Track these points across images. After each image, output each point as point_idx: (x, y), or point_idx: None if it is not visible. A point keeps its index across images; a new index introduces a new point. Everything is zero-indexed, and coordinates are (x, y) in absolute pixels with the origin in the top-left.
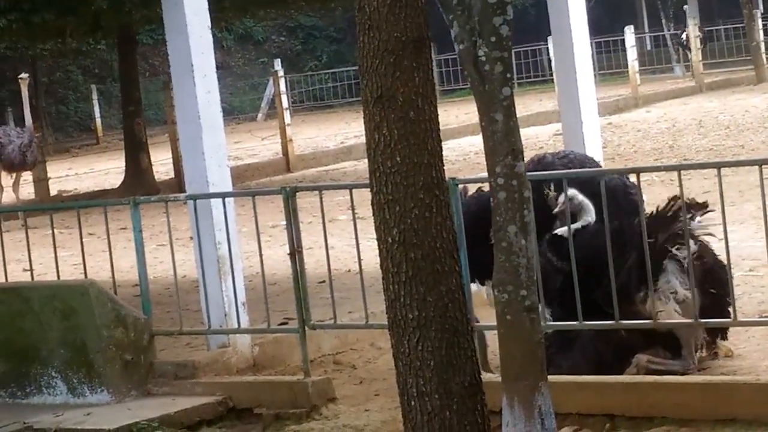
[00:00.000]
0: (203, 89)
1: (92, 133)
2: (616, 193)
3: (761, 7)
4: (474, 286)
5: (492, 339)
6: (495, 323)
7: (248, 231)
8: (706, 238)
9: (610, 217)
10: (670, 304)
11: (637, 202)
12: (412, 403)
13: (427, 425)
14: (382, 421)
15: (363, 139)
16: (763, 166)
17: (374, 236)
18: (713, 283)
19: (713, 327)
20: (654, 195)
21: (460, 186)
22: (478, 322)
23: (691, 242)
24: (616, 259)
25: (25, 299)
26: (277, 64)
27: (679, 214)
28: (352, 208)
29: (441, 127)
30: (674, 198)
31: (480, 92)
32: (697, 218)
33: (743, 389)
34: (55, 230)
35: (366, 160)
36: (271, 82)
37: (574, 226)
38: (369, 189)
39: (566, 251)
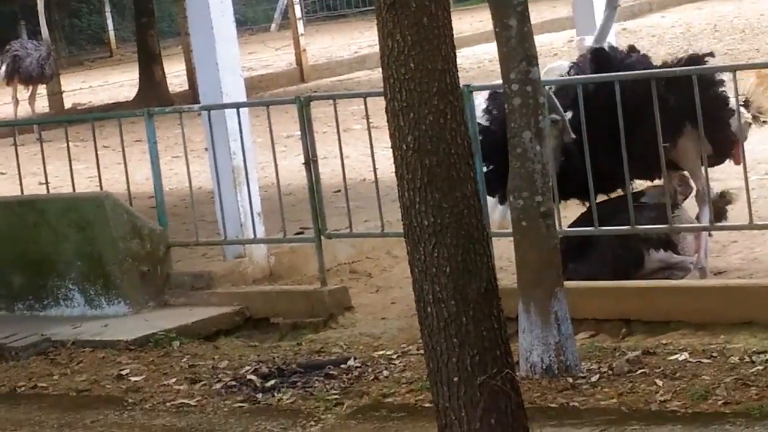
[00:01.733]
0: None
1: (105, 45)
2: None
3: None
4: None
5: (508, 246)
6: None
7: (263, 141)
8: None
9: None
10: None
11: None
12: (428, 309)
13: (444, 331)
14: (399, 328)
15: (377, 49)
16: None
17: (389, 145)
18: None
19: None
20: None
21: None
22: None
23: None
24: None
25: (41, 212)
26: None
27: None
28: (367, 117)
29: (455, 35)
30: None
31: None
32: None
33: (760, 292)
34: (69, 143)
35: (380, 70)
36: None
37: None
38: (383, 97)
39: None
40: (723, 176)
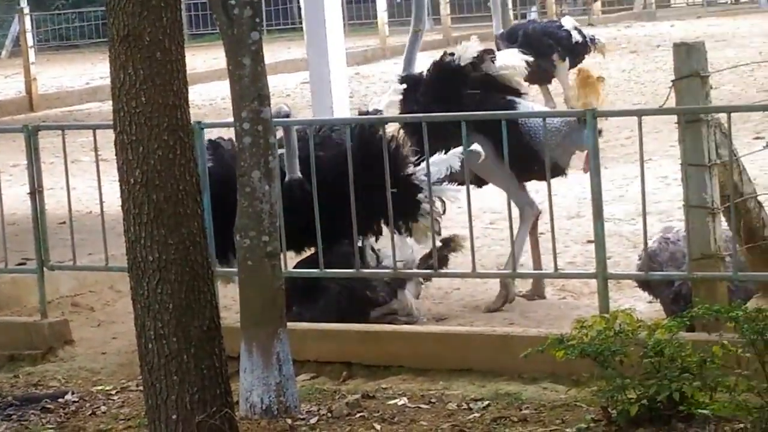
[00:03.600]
0: None
1: None
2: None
3: None
4: None
5: (232, 285)
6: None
7: None
8: None
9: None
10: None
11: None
12: (150, 346)
13: (164, 368)
14: (119, 364)
15: (109, 81)
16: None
17: (117, 178)
18: None
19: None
20: None
21: None
22: None
23: None
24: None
25: None
26: (23, 2)
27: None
28: (95, 149)
29: (188, 71)
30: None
31: (228, 36)
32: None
33: (479, 339)
34: None
35: (111, 102)
36: (16, 19)
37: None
38: (113, 129)
39: None
40: (450, 223)
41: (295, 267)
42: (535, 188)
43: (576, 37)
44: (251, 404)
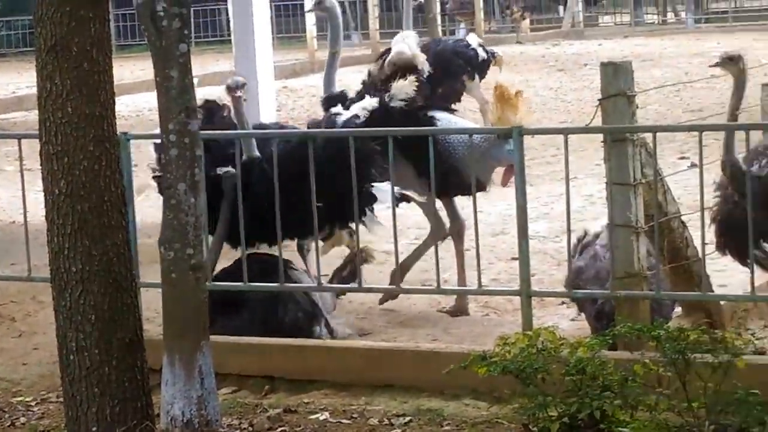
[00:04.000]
0: None
1: None
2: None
3: None
4: None
5: (157, 297)
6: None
7: None
8: None
9: None
10: None
11: None
12: (71, 357)
13: (85, 380)
14: (40, 375)
15: (35, 90)
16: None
17: (42, 188)
18: None
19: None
20: None
21: None
22: None
23: None
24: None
25: None
26: None
27: None
28: (20, 158)
29: (115, 82)
30: None
31: (156, 48)
32: None
33: (401, 355)
34: None
35: (37, 111)
36: None
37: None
38: (38, 139)
39: None
40: (374, 239)
41: (215, 279)
42: (461, 204)
43: (482, 54)
44: (172, 417)
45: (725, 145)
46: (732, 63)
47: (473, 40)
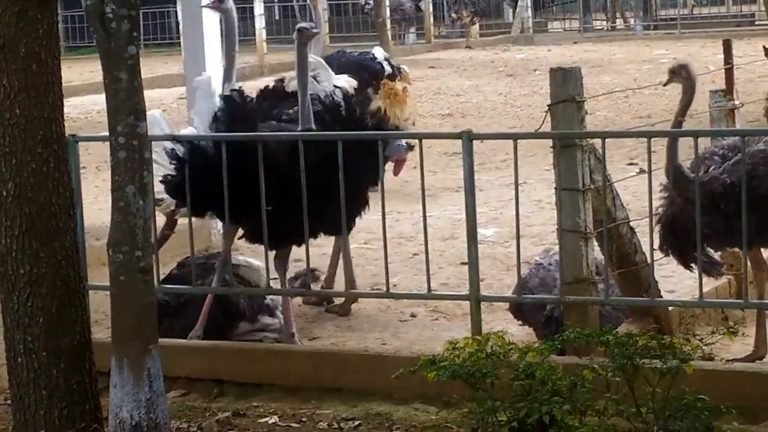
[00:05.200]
0: None
1: None
2: None
3: None
4: None
5: (106, 300)
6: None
7: None
8: None
9: None
10: None
11: None
12: (19, 360)
13: (33, 383)
14: None
15: None
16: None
17: None
18: None
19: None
20: None
21: None
22: None
23: None
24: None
25: None
26: None
27: None
28: None
29: (64, 84)
30: None
31: (105, 50)
32: None
33: (352, 359)
34: None
35: None
36: None
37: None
38: None
39: None
40: (325, 242)
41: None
42: (411, 209)
43: (387, 68)
44: (120, 420)
45: (668, 151)
46: (678, 74)
47: (379, 53)
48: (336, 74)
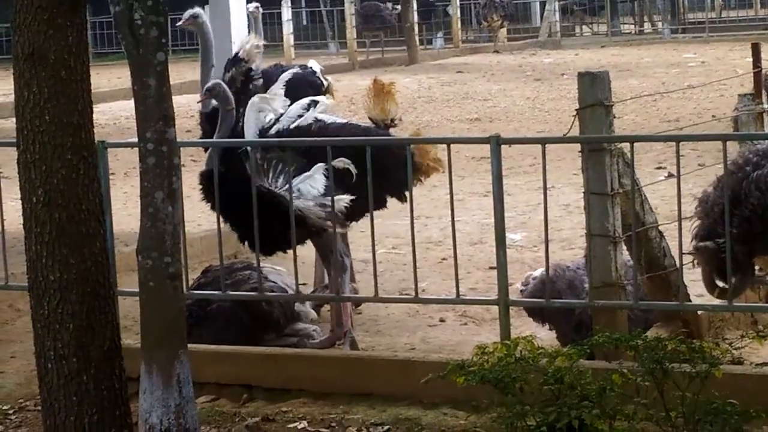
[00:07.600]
0: None
1: None
2: None
3: None
4: None
5: (134, 305)
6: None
7: None
8: None
9: None
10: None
11: None
12: (49, 366)
13: (64, 388)
14: (17, 383)
15: (12, 98)
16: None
17: (19, 196)
18: None
19: None
20: None
21: None
22: None
23: None
24: None
25: None
26: None
27: None
28: None
29: (93, 90)
30: None
31: (134, 56)
32: None
33: (380, 365)
34: None
35: (14, 119)
36: None
37: None
38: (16, 148)
39: None
40: (353, 247)
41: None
42: (439, 214)
43: (324, 82)
44: (150, 426)
45: None
46: None
47: (316, 66)
48: (283, 92)
